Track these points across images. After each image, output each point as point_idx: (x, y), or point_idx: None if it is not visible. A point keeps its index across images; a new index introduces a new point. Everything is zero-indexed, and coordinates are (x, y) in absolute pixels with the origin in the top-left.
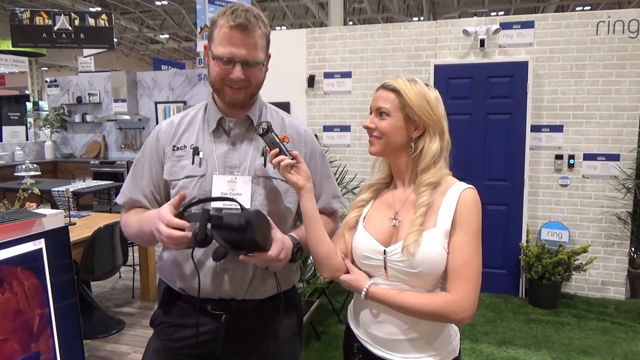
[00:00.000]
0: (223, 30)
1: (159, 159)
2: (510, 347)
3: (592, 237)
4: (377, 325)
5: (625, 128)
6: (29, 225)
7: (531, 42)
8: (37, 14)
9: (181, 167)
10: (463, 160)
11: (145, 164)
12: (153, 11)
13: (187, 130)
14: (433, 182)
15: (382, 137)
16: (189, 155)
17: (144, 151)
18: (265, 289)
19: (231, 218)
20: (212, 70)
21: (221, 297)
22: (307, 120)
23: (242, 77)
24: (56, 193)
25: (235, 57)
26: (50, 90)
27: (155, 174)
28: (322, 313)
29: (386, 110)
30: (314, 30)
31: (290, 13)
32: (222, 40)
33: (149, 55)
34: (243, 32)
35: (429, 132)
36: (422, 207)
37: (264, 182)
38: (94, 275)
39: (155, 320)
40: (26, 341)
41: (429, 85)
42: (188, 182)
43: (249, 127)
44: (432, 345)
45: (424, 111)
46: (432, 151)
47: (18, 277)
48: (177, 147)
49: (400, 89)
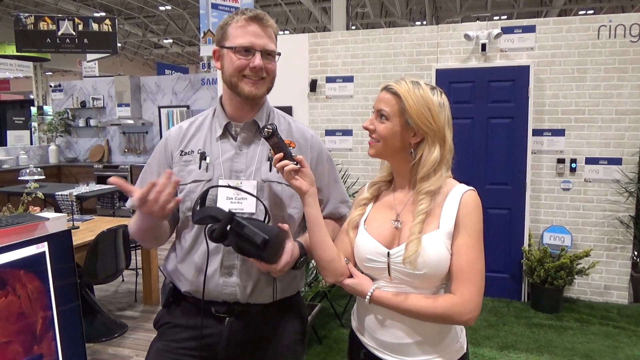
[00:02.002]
0: (240, 24)
1: (167, 164)
2: (513, 352)
3: (595, 241)
4: (383, 330)
5: (627, 132)
6: (32, 228)
7: (532, 47)
8: (41, 19)
9: (188, 172)
10: (465, 164)
11: (154, 169)
12: (157, 16)
13: (195, 135)
14: (432, 190)
15: (380, 141)
16: (196, 160)
17: (153, 156)
18: (269, 293)
19: (252, 233)
20: (229, 64)
21: (225, 300)
22: (309, 125)
23: (262, 65)
24: (60, 197)
25: (255, 45)
26: (54, 95)
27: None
28: (324, 317)
29: (386, 113)
30: (316, 35)
31: (293, 18)
32: (240, 32)
33: (152, 59)
34: (259, 23)
35: (427, 140)
36: (420, 215)
37: (269, 187)
38: (97, 278)
39: (159, 320)
40: (29, 344)
41: (436, 88)
42: (195, 186)
43: (255, 132)
44: (440, 346)
45: (423, 119)
46: (431, 160)
47: (21, 280)
48: (184, 152)
49: (401, 94)
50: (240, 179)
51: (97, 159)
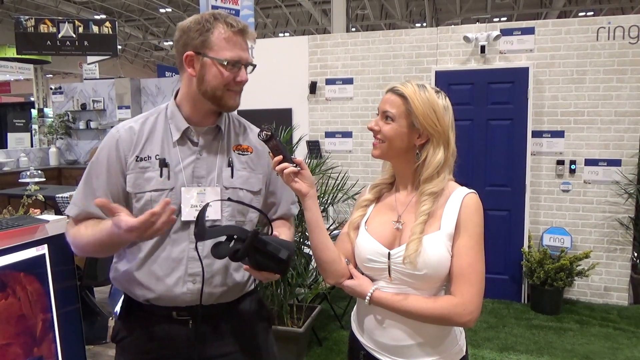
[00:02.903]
0: (228, 35)
1: (121, 169)
2: (513, 353)
3: (594, 242)
4: (382, 331)
5: (626, 133)
6: (32, 231)
7: (532, 48)
8: (42, 22)
9: (147, 180)
10: (464, 166)
11: (102, 174)
12: (157, 18)
13: (149, 139)
14: (435, 192)
15: (385, 142)
16: (155, 167)
17: (99, 159)
18: (234, 293)
19: (275, 249)
20: (215, 77)
21: (188, 305)
22: (309, 127)
23: (247, 79)
24: (60, 199)
25: (242, 59)
26: (54, 97)
27: (115, 185)
28: (324, 319)
29: (391, 115)
30: (316, 37)
31: (293, 20)
32: (228, 45)
33: (153, 62)
34: (244, 36)
35: (432, 141)
36: (422, 216)
37: (232, 193)
38: (97, 281)
39: (117, 334)
40: (29, 346)
41: (440, 92)
42: (157, 195)
43: (216, 136)
44: (439, 348)
45: (429, 120)
46: (436, 161)
47: (21, 282)
48: (140, 158)
49: (408, 95)
50: (202, 185)
51: None
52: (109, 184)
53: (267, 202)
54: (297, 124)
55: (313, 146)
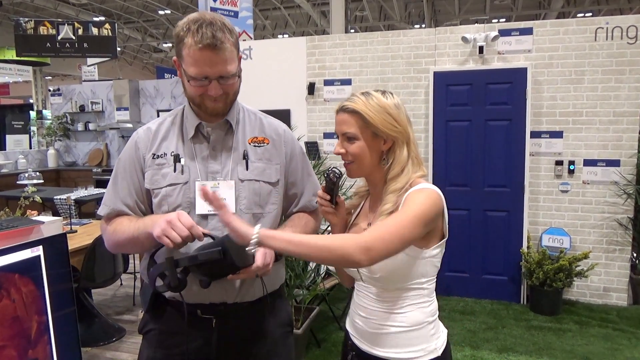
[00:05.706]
0: (192, 51)
1: (140, 167)
2: (512, 354)
3: (593, 243)
4: (361, 318)
5: (625, 134)
6: (27, 232)
7: (530, 49)
8: (41, 24)
9: (162, 175)
10: (463, 167)
11: (126, 174)
12: (156, 20)
13: (166, 137)
14: (399, 187)
15: (355, 161)
16: (170, 163)
17: (122, 161)
18: (254, 291)
19: (207, 255)
20: (188, 88)
21: (212, 302)
22: (308, 128)
23: (220, 92)
24: (58, 201)
25: (209, 75)
26: (53, 99)
27: (137, 183)
28: (322, 320)
29: (352, 134)
30: (314, 38)
31: (292, 21)
32: (193, 61)
33: (152, 63)
34: (213, 51)
35: (397, 142)
36: (382, 215)
37: (247, 185)
38: (94, 282)
39: (144, 326)
40: (24, 348)
41: (385, 92)
42: (171, 190)
43: (227, 131)
44: (411, 341)
45: (388, 125)
46: (402, 160)
47: (16, 284)
48: (157, 155)
49: (360, 110)
50: (217, 179)
51: (95, 163)
52: (133, 183)
53: (288, 195)
54: (296, 125)
55: (311, 147)
